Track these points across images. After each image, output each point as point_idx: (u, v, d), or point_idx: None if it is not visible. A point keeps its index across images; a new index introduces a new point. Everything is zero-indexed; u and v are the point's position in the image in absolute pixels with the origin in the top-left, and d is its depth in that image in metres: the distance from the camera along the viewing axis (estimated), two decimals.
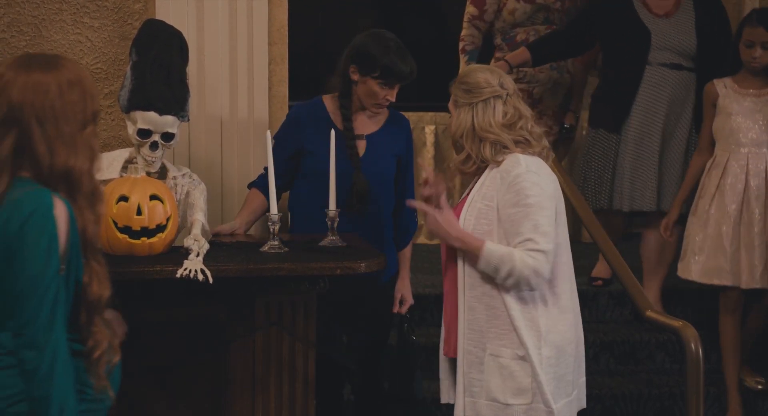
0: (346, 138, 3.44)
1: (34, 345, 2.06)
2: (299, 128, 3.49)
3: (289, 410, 3.03)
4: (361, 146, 3.48)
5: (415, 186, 3.66)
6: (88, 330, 2.17)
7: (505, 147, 2.83)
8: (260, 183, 3.48)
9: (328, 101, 3.52)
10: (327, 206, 3.21)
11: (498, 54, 4.99)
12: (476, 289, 2.83)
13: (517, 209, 2.76)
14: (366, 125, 3.51)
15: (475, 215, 2.83)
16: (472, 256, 2.80)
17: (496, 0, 4.98)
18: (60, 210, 2.09)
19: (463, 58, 5.10)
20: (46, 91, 2.11)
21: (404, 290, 3.61)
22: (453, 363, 2.95)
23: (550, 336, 2.78)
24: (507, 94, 2.89)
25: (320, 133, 3.39)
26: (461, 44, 5.11)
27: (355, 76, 3.42)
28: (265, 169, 3.47)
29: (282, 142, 3.45)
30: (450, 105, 2.96)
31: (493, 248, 2.76)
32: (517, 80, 4.66)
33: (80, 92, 2.16)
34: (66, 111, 2.12)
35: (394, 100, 3.44)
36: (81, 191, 2.15)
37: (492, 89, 2.87)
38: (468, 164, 2.89)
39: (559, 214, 2.84)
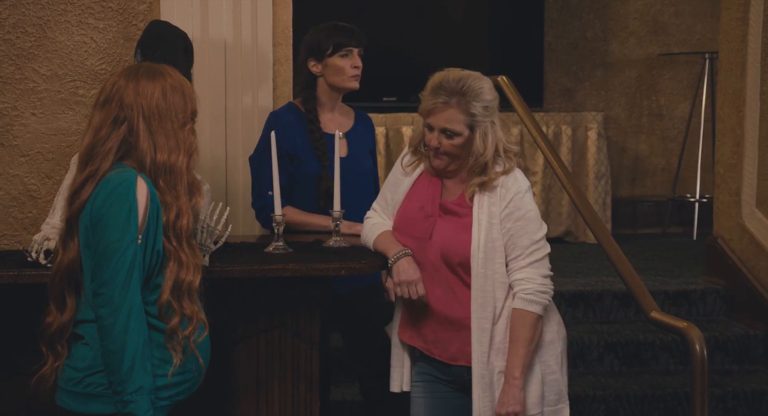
0: (314, 139, 3.45)
1: (111, 302, 2.28)
2: (284, 133, 3.43)
3: (292, 410, 3.04)
4: (344, 144, 3.49)
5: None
6: (172, 308, 2.36)
7: (510, 160, 2.83)
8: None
9: (300, 105, 3.54)
10: (314, 209, 3.27)
11: None
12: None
13: (516, 223, 2.78)
14: (339, 122, 3.53)
15: (484, 235, 2.79)
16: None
17: None
18: (141, 187, 2.33)
19: None
20: (152, 94, 2.39)
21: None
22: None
23: None
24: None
25: (303, 136, 3.44)
26: None
27: (316, 68, 3.47)
28: (271, 192, 3.49)
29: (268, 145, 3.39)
30: (459, 126, 2.75)
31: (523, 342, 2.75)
32: None
33: (181, 95, 2.43)
34: (169, 110, 2.40)
35: (360, 65, 3.48)
36: (180, 182, 2.40)
37: (497, 102, 2.82)
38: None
39: None
